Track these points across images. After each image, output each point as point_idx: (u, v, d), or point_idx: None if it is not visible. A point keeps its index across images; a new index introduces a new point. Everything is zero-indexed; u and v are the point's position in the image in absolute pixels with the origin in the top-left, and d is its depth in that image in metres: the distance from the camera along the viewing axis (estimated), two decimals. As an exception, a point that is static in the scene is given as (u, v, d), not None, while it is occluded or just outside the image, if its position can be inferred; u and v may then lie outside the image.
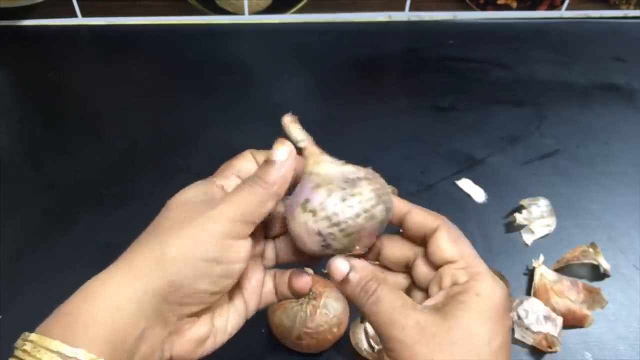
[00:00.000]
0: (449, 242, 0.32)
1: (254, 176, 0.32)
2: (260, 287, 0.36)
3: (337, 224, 0.31)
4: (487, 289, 0.30)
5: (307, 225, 0.31)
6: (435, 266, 0.33)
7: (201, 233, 0.30)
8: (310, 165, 0.33)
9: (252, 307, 0.35)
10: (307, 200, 0.31)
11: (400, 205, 0.34)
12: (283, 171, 0.31)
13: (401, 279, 0.35)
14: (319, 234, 0.31)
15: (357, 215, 0.31)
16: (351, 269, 0.32)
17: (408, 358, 0.29)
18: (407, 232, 0.34)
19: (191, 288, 0.30)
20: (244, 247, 0.31)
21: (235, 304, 0.34)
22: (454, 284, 0.31)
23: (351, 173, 0.33)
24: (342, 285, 0.32)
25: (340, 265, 0.32)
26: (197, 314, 0.31)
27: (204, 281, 0.30)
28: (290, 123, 0.34)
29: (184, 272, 0.29)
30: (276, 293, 0.37)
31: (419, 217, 0.33)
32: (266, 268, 0.36)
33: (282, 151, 0.31)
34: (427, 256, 0.33)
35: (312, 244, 0.32)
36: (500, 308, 0.30)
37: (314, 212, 0.31)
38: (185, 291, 0.30)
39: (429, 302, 0.31)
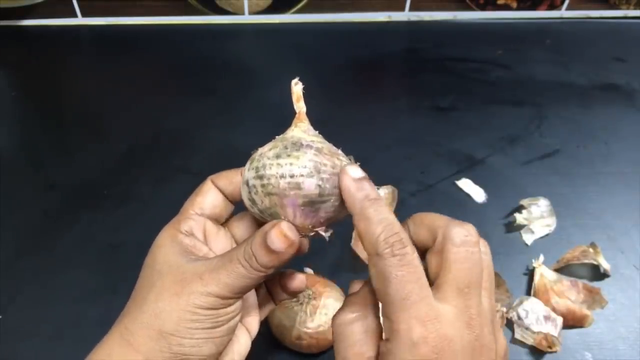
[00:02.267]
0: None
1: (250, 254, 0.29)
2: (255, 307, 0.36)
3: (260, 177, 0.29)
4: (409, 354, 0.26)
5: (243, 172, 0.31)
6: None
7: (192, 307, 0.29)
8: (290, 130, 0.33)
9: (254, 327, 0.36)
10: (255, 150, 0.31)
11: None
12: (283, 259, 0.30)
13: None
14: (247, 183, 0.30)
15: (282, 176, 0.29)
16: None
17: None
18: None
19: (196, 355, 0.30)
20: (237, 306, 0.31)
21: (237, 336, 0.34)
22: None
23: (310, 141, 0.31)
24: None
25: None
26: None
27: (208, 346, 0.30)
28: (298, 90, 0.34)
29: (185, 343, 0.29)
30: (273, 299, 0.36)
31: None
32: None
33: (280, 242, 0.29)
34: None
35: (243, 194, 0.31)
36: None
37: (251, 161, 0.31)
38: (191, 359, 0.30)
39: None
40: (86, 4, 0.83)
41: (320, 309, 0.45)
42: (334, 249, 0.55)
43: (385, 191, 0.60)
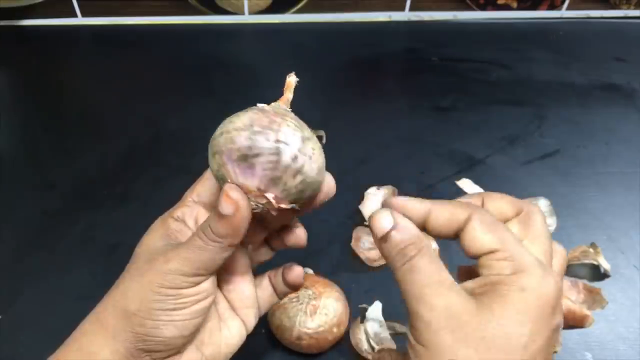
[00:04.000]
0: (484, 231, 0.28)
1: (205, 225, 0.30)
2: (253, 298, 0.35)
3: (212, 139, 0.30)
4: (534, 283, 0.26)
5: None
6: (471, 258, 0.29)
7: (155, 286, 0.29)
8: (275, 103, 0.33)
9: (251, 319, 0.35)
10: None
11: (418, 204, 0.30)
12: (234, 224, 0.29)
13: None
14: (210, 140, 0.30)
15: (221, 134, 0.29)
16: (394, 226, 0.28)
17: (430, 343, 0.26)
18: (432, 233, 0.30)
19: (158, 337, 0.30)
20: (203, 289, 0.31)
21: (228, 326, 0.34)
22: (497, 274, 0.27)
23: (262, 106, 0.31)
24: (380, 242, 0.29)
25: (383, 220, 0.29)
26: (179, 352, 0.31)
27: (169, 329, 0.30)
28: (291, 85, 0.34)
29: (147, 324, 0.29)
30: (276, 292, 0.37)
31: (445, 214, 0.29)
32: (257, 268, 0.36)
33: (228, 205, 0.29)
34: (464, 249, 0.29)
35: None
36: (547, 306, 0.26)
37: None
38: (153, 340, 0.30)
39: (468, 284, 0.28)
40: (86, 4, 0.83)
41: (320, 309, 0.45)
42: (334, 249, 0.55)
43: (385, 191, 0.60)
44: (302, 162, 0.29)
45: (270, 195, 0.29)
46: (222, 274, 0.34)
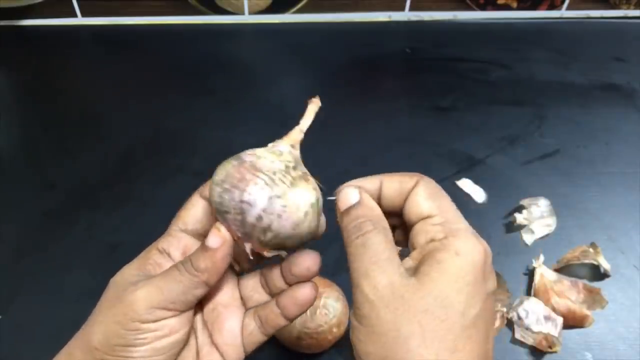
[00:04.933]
0: (425, 197, 0.29)
1: (186, 259, 0.29)
2: (235, 334, 0.32)
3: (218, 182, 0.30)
4: (468, 247, 0.27)
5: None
6: (411, 225, 0.30)
7: (116, 321, 0.28)
8: (277, 143, 0.33)
9: (233, 357, 0.32)
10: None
11: (370, 183, 0.31)
12: (215, 260, 0.29)
13: None
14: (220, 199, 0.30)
15: (212, 179, 0.30)
16: (358, 202, 0.30)
17: (373, 321, 0.27)
18: (386, 207, 0.31)
19: None
20: (166, 325, 0.29)
21: None
22: (431, 240, 0.28)
23: (251, 154, 0.31)
24: (342, 215, 0.30)
25: (350, 195, 0.30)
26: None
27: None
28: (313, 110, 0.34)
29: (109, 359, 0.29)
30: (262, 328, 0.33)
31: (394, 184, 0.31)
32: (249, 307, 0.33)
33: (215, 238, 0.29)
34: (403, 217, 0.30)
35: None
36: (481, 270, 0.27)
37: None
38: None
39: (406, 261, 0.29)
40: (86, 4, 0.83)
41: (320, 309, 0.45)
42: (334, 249, 0.55)
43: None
44: (268, 221, 0.29)
45: (247, 246, 0.30)
46: (206, 302, 0.33)
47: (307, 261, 0.32)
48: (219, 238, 0.29)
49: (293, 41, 0.84)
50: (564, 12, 0.89)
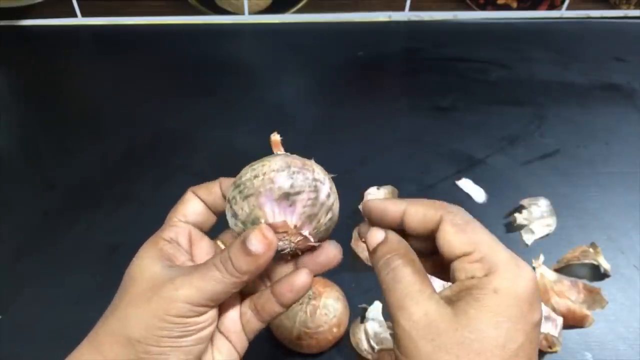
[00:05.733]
0: (455, 233, 0.29)
1: (226, 257, 0.29)
2: (238, 320, 0.34)
3: (237, 186, 0.30)
4: (507, 283, 0.27)
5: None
6: (448, 262, 0.29)
7: (161, 313, 0.29)
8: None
9: (241, 343, 0.34)
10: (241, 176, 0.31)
11: (394, 206, 0.31)
12: (259, 263, 0.29)
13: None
14: (228, 200, 0.31)
15: (255, 177, 0.30)
16: (385, 240, 0.31)
17: (410, 352, 0.27)
18: (410, 233, 0.31)
19: None
20: (209, 317, 0.30)
21: (219, 349, 0.33)
22: (471, 277, 0.28)
23: (282, 153, 0.32)
24: (370, 254, 0.31)
25: (376, 234, 0.31)
26: None
27: (175, 354, 0.29)
28: (277, 141, 0.33)
29: (152, 350, 0.29)
30: (258, 315, 0.34)
31: (418, 214, 0.30)
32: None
33: (260, 244, 0.29)
34: (439, 252, 0.30)
35: (227, 215, 0.31)
36: (523, 303, 0.26)
37: (234, 183, 0.31)
38: None
39: (445, 291, 0.29)
40: (86, 4, 0.83)
41: (321, 309, 0.45)
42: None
43: (385, 191, 0.60)
44: (332, 199, 0.31)
45: (306, 232, 0.31)
46: None
47: (334, 250, 0.33)
48: (265, 243, 0.29)
49: (293, 41, 0.84)
50: (564, 12, 0.89)
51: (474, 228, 0.29)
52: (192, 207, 0.34)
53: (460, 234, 0.28)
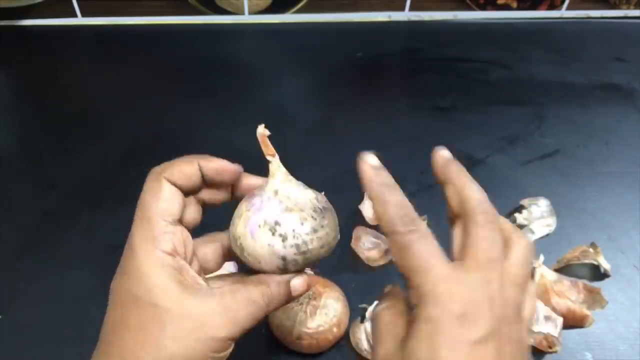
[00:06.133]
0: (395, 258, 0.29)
1: (270, 296, 0.31)
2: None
3: (304, 253, 0.31)
4: (433, 310, 0.27)
5: (273, 248, 0.31)
6: None
7: (209, 353, 0.29)
8: (277, 183, 0.33)
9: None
10: (277, 223, 0.31)
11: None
12: (292, 298, 0.32)
13: None
14: (284, 258, 0.31)
15: (322, 247, 0.32)
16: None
17: None
18: None
19: None
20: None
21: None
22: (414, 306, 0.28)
23: (316, 201, 0.33)
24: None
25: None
26: None
27: None
28: (264, 136, 0.33)
29: None
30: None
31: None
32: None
33: (302, 288, 0.32)
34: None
35: (270, 264, 0.31)
36: (453, 325, 0.26)
37: (284, 238, 0.31)
38: None
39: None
40: (86, 4, 0.83)
41: (320, 309, 0.45)
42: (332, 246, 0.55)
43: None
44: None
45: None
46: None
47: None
48: (305, 287, 0.33)
49: (293, 41, 0.84)
50: (564, 12, 0.89)
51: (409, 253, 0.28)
52: (172, 200, 0.31)
53: (399, 260, 0.29)
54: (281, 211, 0.31)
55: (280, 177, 0.33)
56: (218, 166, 0.33)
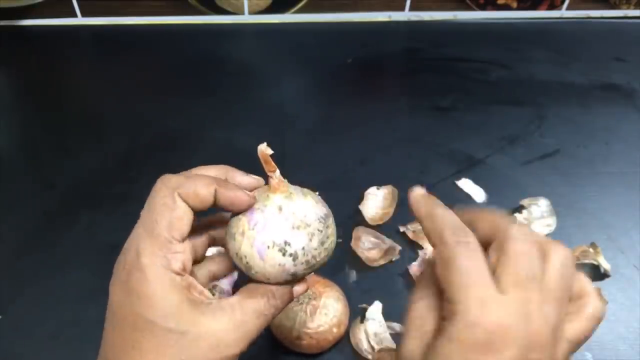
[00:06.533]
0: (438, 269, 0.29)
1: (276, 306, 0.32)
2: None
3: (312, 266, 0.32)
4: (460, 331, 0.27)
5: (284, 267, 0.31)
6: None
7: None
8: (279, 199, 0.32)
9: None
10: (287, 243, 0.31)
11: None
12: (293, 298, 0.33)
13: None
14: (294, 274, 0.32)
15: (327, 255, 0.33)
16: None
17: None
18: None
19: None
20: None
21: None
22: (441, 319, 0.29)
23: (319, 210, 0.32)
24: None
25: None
26: None
27: None
28: (265, 154, 0.32)
29: None
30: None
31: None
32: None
33: (303, 290, 0.33)
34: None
35: (279, 279, 0.32)
36: (475, 351, 0.26)
37: (294, 257, 0.31)
38: None
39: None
40: (86, 4, 0.83)
41: (320, 309, 0.45)
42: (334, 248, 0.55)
43: (385, 191, 0.60)
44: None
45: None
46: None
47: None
48: (306, 287, 0.34)
49: (293, 41, 0.84)
50: (564, 12, 0.89)
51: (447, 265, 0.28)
52: (185, 219, 0.30)
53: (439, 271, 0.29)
54: (289, 229, 0.31)
55: (283, 192, 0.32)
56: (234, 197, 0.31)
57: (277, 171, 0.32)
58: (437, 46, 0.83)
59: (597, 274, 0.54)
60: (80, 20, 0.85)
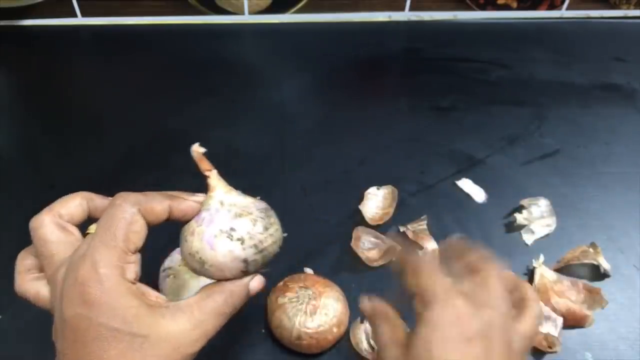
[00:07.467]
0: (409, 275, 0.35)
1: (232, 304, 0.32)
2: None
3: (262, 251, 0.33)
4: (434, 313, 0.32)
5: (234, 253, 0.32)
6: None
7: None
8: (219, 195, 0.34)
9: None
10: (232, 229, 0.32)
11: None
12: (252, 295, 0.34)
13: None
14: (245, 260, 0.33)
15: (275, 242, 0.34)
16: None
17: None
18: None
19: None
20: None
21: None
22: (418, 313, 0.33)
23: (258, 203, 0.35)
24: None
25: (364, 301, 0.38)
26: None
27: None
28: (199, 153, 0.35)
29: None
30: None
31: None
32: None
33: (259, 287, 0.34)
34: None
35: (232, 270, 0.33)
36: (453, 334, 0.32)
37: (242, 241, 0.32)
38: None
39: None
40: (86, 4, 0.83)
41: (320, 309, 0.45)
42: (334, 249, 0.55)
43: (385, 191, 0.60)
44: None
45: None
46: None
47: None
48: (262, 285, 0.34)
49: (293, 41, 0.84)
50: (564, 12, 0.89)
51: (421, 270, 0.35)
52: (141, 233, 0.32)
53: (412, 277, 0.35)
54: (233, 218, 0.33)
55: (222, 188, 0.35)
56: (186, 207, 0.34)
57: (214, 170, 0.35)
58: (437, 46, 0.83)
59: (597, 274, 0.54)
60: (80, 20, 0.85)
